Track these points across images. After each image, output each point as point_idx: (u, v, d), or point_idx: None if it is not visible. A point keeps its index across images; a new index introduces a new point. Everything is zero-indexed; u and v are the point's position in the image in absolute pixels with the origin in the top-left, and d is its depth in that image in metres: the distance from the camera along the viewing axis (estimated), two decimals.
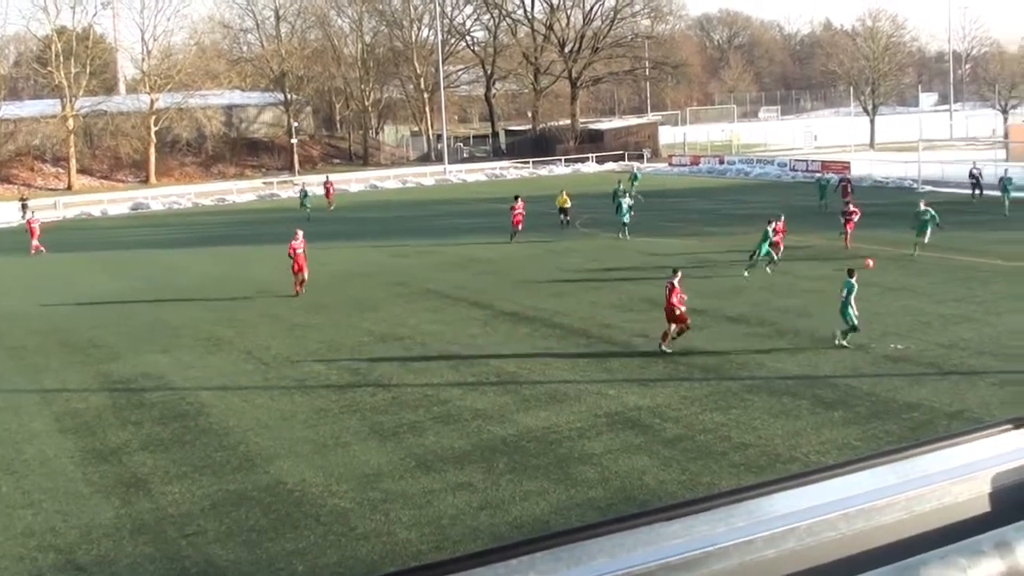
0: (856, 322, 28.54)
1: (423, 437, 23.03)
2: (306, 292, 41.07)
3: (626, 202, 53.96)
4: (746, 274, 40.67)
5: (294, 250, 41.53)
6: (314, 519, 18.73)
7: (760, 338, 30.97)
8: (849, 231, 46.17)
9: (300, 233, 42.29)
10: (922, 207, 44.91)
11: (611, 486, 19.68)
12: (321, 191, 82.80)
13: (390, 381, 28.00)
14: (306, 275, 41.85)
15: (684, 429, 22.80)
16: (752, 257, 41.29)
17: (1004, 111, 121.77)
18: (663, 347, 29.65)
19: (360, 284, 43.83)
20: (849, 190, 62.59)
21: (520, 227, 54.19)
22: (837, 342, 28.82)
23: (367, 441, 23.04)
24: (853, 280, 28.69)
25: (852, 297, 28.48)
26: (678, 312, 29.70)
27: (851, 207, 47.22)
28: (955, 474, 2.65)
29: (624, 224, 53.17)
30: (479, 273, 45.60)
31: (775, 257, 41.86)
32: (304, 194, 77.01)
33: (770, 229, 41.61)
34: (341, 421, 24.62)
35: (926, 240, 43.57)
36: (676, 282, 29.86)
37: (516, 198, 55.27)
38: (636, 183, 73.33)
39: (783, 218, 44.12)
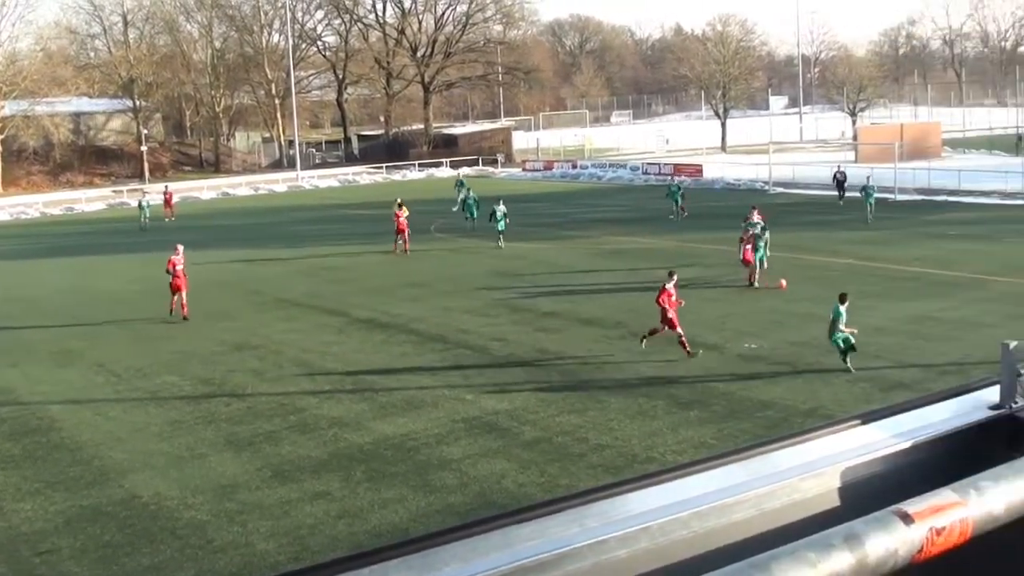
0: (843, 344, 26.43)
1: (279, 447, 22.84)
2: (158, 302, 40.29)
3: (500, 209, 52.54)
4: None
5: (174, 266, 37.56)
6: (170, 533, 18.45)
7: (615, 340, 31.24)
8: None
9: (180, 248, 38.96)
10: (755, 218, 40.73)
11: (470, 491, 19.72)
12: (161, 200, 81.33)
13: (245, 391, 27.71)
14: (185, 296, 37.96)
15: (542, 432, 22.93)
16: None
17: (852, 114, 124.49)
18: (688, 351, 28.42)
19: (213, 293, 43.13)
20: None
21: (406, 233, 52.10)
22: (849, 366, 26.39)
23: (223, 452, 22.77)
24: (842, 308, 26.31)
25: (840, 323, 26.38)
26: (669, 315, 28.52)
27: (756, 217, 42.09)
28: (805, 470, 2.70)
29: (500, 232, 52.15)
30: (332, 280, 45.31)
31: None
32: (142, 204, 75.30)
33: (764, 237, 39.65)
34: (196, 432, 24.29)
35: (766, 264, 39.89)
36: (671, 286, 28.94)
37: (400, 205, 53.68)
38: (462, 190, 72.80)
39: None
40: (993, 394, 3.16)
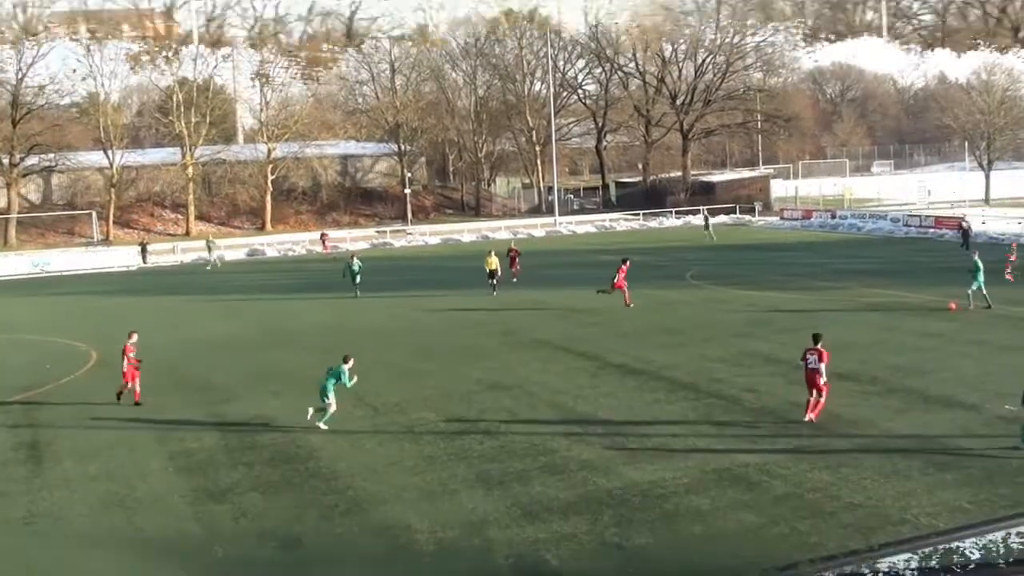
0: None
1: (529, 486, 23.06)
2: (417, 339, 41.17)
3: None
4: None
5: (127, 353, 32.71)
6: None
7: (870, 396, 30.56)
8: None
9: (135, 336, 33.86)
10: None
11: (716, 544, 19.57)
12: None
13: (498, 430, 28.06)
14: (135, 385, 32.80)
15: (792, 487, 22.56)
16: None
17: None
18: (810, 418, 27.70)
19: (469, 333, 44.01)
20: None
21: (625, 288, 49.83)
22: None
23: (474, 488, 23.13)
24: None
25: None
26: (819, 380, 27.64)
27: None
28: None
29: None
30: (587, 324, 45.52)
31: None
32: (209, 242, 77.07)
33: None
34: (449, 468, 24.74)
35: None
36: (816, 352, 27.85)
37: (624, 260, 51.86)
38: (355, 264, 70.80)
39: None
40: None
